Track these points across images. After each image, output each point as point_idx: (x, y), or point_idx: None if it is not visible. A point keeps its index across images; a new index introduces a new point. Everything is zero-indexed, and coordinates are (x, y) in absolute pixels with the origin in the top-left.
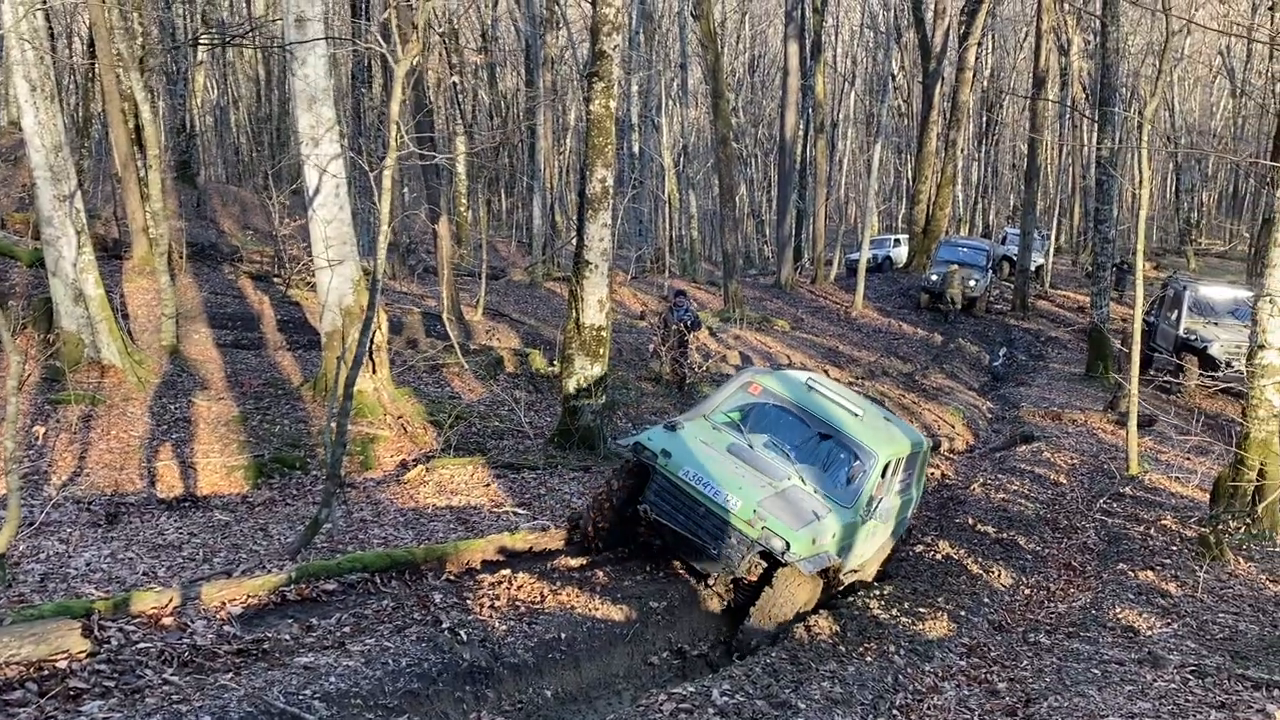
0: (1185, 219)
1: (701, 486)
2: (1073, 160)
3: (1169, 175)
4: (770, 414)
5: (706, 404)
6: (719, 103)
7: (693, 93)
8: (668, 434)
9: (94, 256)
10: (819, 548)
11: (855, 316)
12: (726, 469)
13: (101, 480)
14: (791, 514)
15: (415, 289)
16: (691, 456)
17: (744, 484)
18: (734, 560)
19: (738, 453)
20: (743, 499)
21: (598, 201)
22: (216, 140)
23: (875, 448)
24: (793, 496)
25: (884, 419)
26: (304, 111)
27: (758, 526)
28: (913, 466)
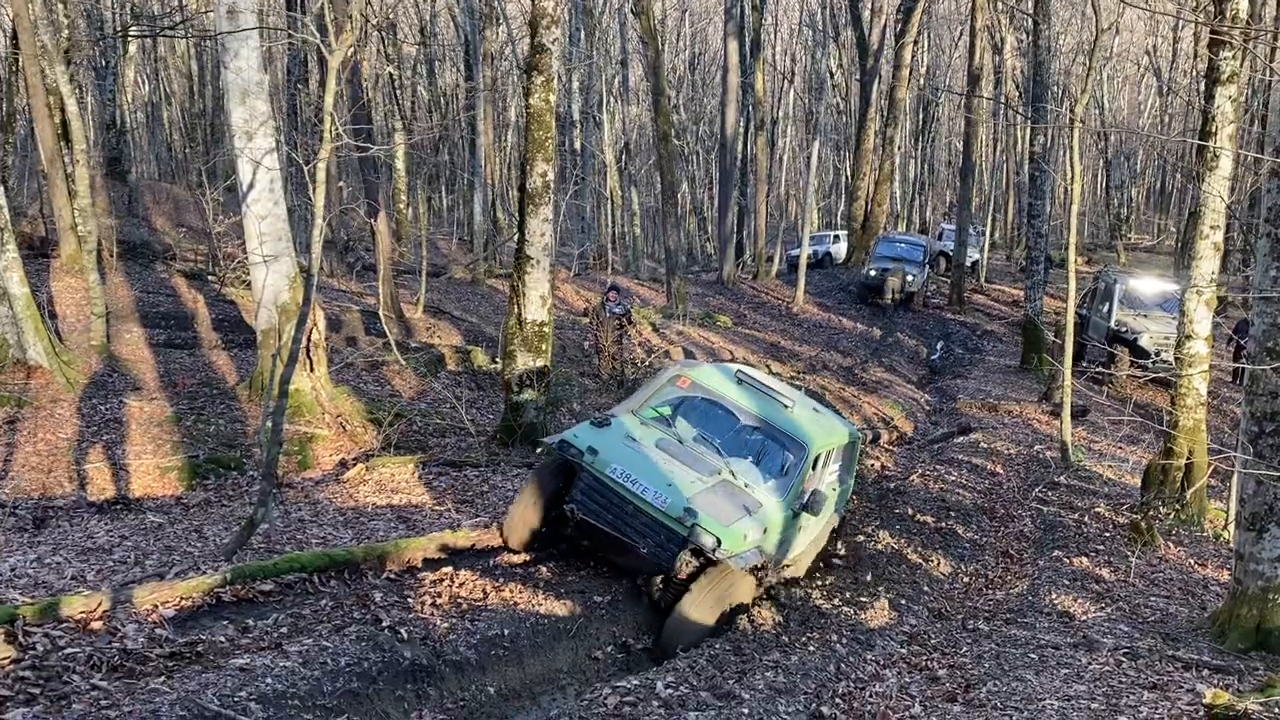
0: (1115, 214)
1: (630, 484)
2: (1007, 157)
3: (1099, 172)
4: (700, 407)
5: (635, 399)
6: (660, 100)
7: (634, 89)
8: (595, 430)
9: (18, 254)
10: (751, 543)
11: (796, 312)
12: (655, 465)
13: (28, 484)
14: (722, 509)
15: (354, 287)
16: (619, 453)
17: (673, 480)
18: (664, 558)
19: (667, 448)
20: (672, 495)
21: (538, 196)
22: (148, 136)
23: (806, 438)
24: (723, 491)
25: (814, 409)
26: (237, 105)
27: (688, 523)
28: (845, 457)
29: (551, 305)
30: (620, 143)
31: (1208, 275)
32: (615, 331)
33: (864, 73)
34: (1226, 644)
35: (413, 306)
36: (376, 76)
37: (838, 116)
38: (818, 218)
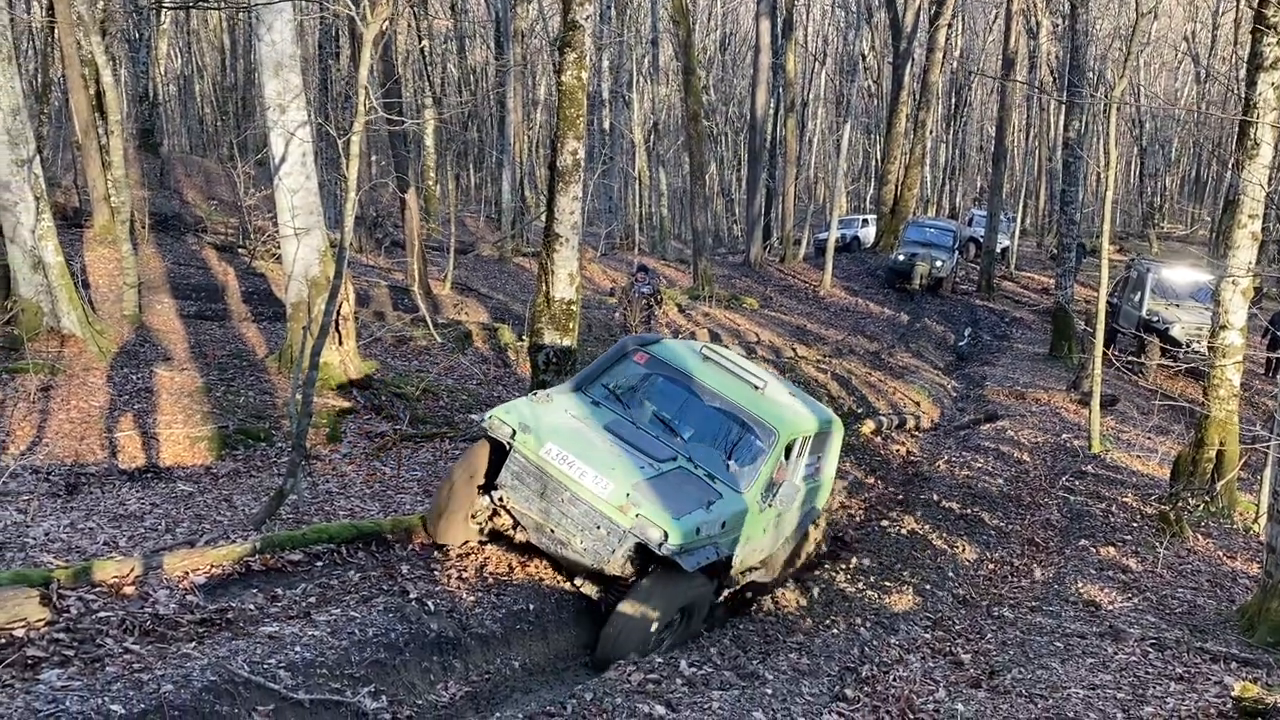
0: (1149, 203)
1: (565, 467)
2: (1039, 143)
3: (1133, 159)
4: (658, 386)
5: (586, 374)
6: (690, 79)
7: (664, 69)
8: (531, 406)
9: (53, 223)
10: (705, 539)
11: (823, 295)
12: (598, 448)
13: (61, 450)
14: (672, 499)
15: (383, 262)
16: (556, 432)
17: (617, 465)
18: (603, 554)
19: (616, 430)
20: (614, 482)
21: (569, 174)
22: (180, 110)
23: (776, 424)
24: (676, 480)
25: (789, 393)
26: (270, 78)
27: (631, 514)
28: (822, 448)
29: (580, 284)
30: (649, 123)
31: (1244, 265)
32: (643, 311)
33: (897, 55)
34: (1255, 637)
35: (440, 283)
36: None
37: (869, 99)
38: (846, 201)
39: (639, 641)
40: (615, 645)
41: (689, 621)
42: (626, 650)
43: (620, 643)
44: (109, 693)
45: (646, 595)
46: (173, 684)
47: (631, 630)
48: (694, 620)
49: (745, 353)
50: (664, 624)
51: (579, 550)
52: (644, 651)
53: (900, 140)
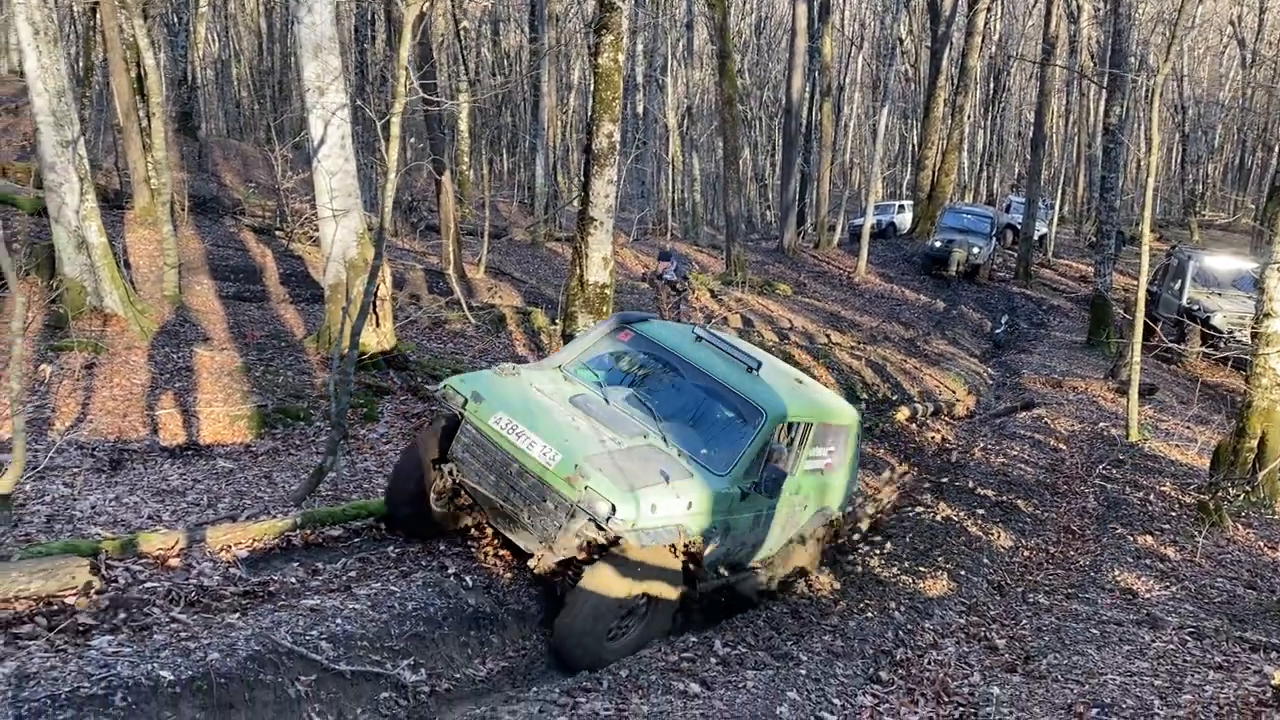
0: (1190, 190)
1: (514, 436)
2: (1079, 129)
3: (1175, 145)
4: (640, 365)
5: (566, 351)
6: (725, 63)
7: (698, 53)
8: (491, 378)
9: (96, 204)
10: (664, 518)
11: (858, 282)
12: (554, 419)
13: (105, 427)
14: (628, 472)
15: (417, 246)
16: (509, 402)
17: (572, 437)
18: (552, 531)
19: (583, 405)
20: (564, 452)
21: (604, 157)
22: (218, 94)
23: (765, 405)
24: (639, 454)
25: (794, 380)
26: (310, 60)
27: (579, 486)
28: (834, 441)
29: (613, 268)
30: (683, 107)
31: None
32: (672, 298)
33: (935, 39)
34: None
35: (474, 267)
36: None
37: (906, 84)
38: (882, 187)
39: (597, 631)
40: (571, 634)
41: (656, 612)
42: (584, 639)
43: (576, 631)
44: (158, 659)
45: (602, 578)
46: (219, 652)
47: (587, 617)
48: (662, 611)
49: (779, 339)
50: (624, 611)
51: (528, 527)
52: (604, 644)
53: (938, 125)
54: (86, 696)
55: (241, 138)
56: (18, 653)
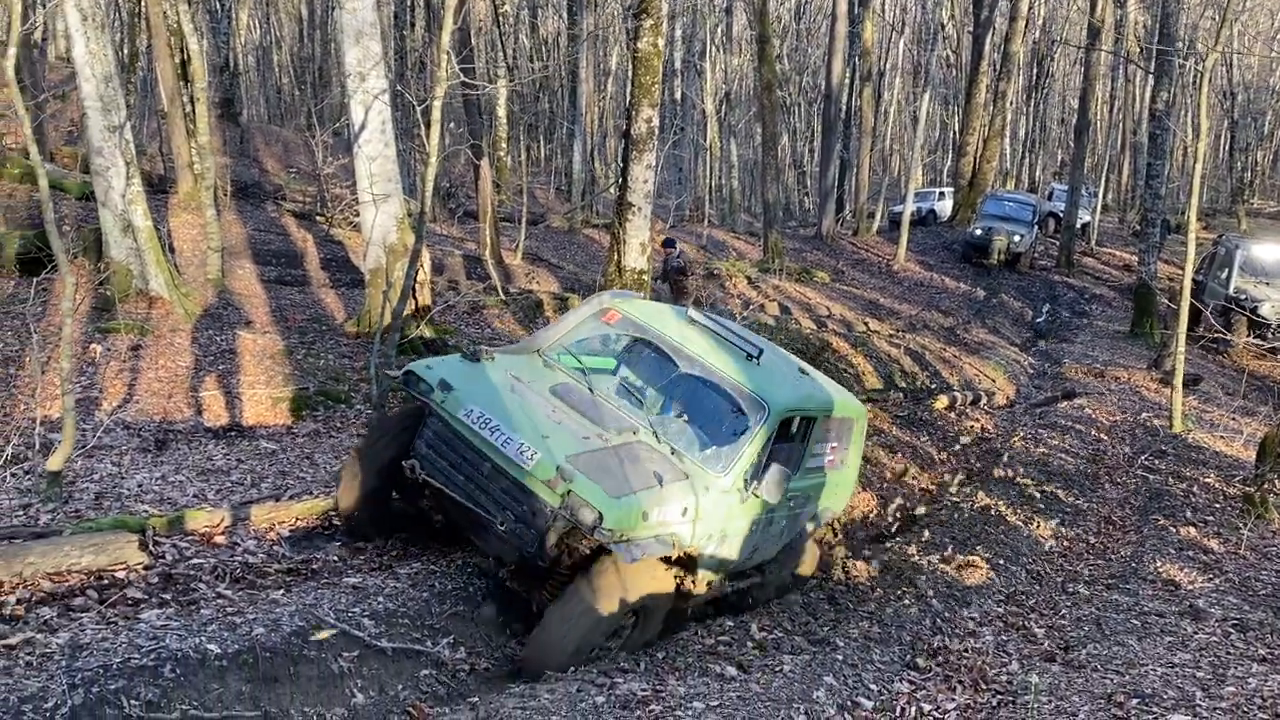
0: (1239, 178)
1: (487, 432)
2: (1124, 115)
3: (1224, 132)
4: (628, 349)
5: (545, 334)
6: (764, 48)
7: (737, 39)
8: (462, 364)
9: (142, 188)
10: (657, 526)
11: (897, 270)
12: (533, 413)
13: (150, 407)
14: (616, 476)
15: (455, 232)
16: (483, 393)
17: (554, 433)
18: (529, 540)
19: (564, 395)
20: (544, 451)
21: (643, 142)
22: (259, 80)
23: (768, 397)
24: (629, 454)
25: (797, 369)
26: (351, 46)
27: (560, 490)
28: (838, 438)
29: (651, 254)
30: (721, 93)
31: None
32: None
33: (977, 24)
34: None
35: (512, 253)
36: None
37: (947, 70)
38: (922, 174)
39: (577, 652)
40: (547, 654)
41: (643, 628)
42: (561, 661)
43: (553, 651)
44: (205, 633)
45: (586, 595)
46: (264, 627)
47: (567, 638)
48: (649, 626)
49: (816, 326)
50: (609, 631)
51: (501, 536)
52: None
53: (979, 112)
54: (137, 667)
55: (282, 123)
56: (71, 624)
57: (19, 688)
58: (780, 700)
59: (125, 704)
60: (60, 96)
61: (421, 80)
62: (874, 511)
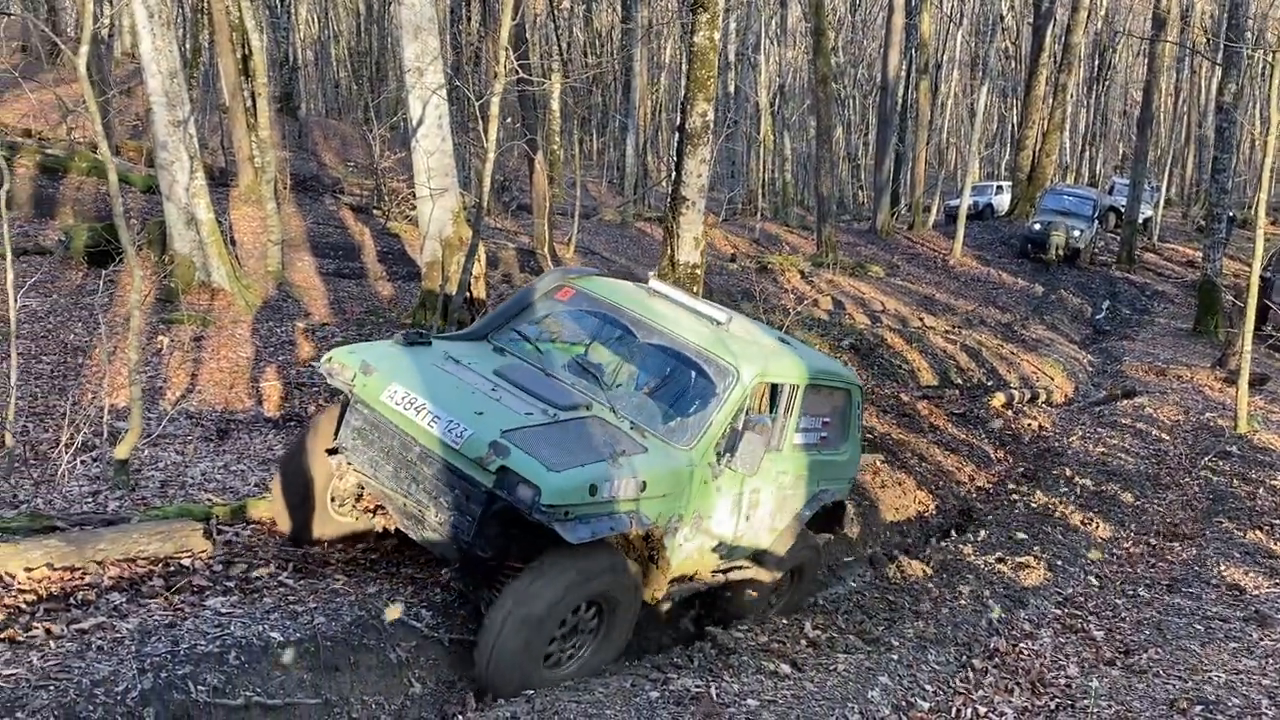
0: None
1: (413, 413)
2: (1189, 108)
3: None
4: (584, 325)
5: (493, 316)
6: (820, 40)
7: (791, 31)
8: (391, 347)
9: (205, 182)
10: (605, 502)
11: (953, 265)
12: (466, 392)
13: (212, 397)
14: (558, 449)
15: (509, 225)
16: (408, 373)
17: (488, 409)
18: (464, 529)
19: (509, 374)
20: (474, 427)
21: (697, 136)
22: (317, 74)
23: (737, 363)
24: (575, 428)
25: (774, 338)
26: (410, 41)
27: (493, 466)
28: (829, 411)
29: (704, 248)
30: (775, 85)
31: None
32: None
33: (1038, 15)
34: None
35: (565, 246)
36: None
37: (1006, 61)
38: (979, 167)
39: (530, 654)
40: (496, 659)
41: (609, 624)
42: (512, 667)
43: (502, 656)
44: (267, 621)
45: (531, 586)
46: (324, 616)
47: (514, 638)
48: (616, 623)
49: (870, 321)
50: (565, 627)
51: (435, 527)
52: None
53: (1039, 104)
54: (203, 654)
55: (340, 117)
56: (139, 610)
57: (91, 671)
58: (835, 699)
59: (192, 689)
60: (126, 92)
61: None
62: (929, 509)
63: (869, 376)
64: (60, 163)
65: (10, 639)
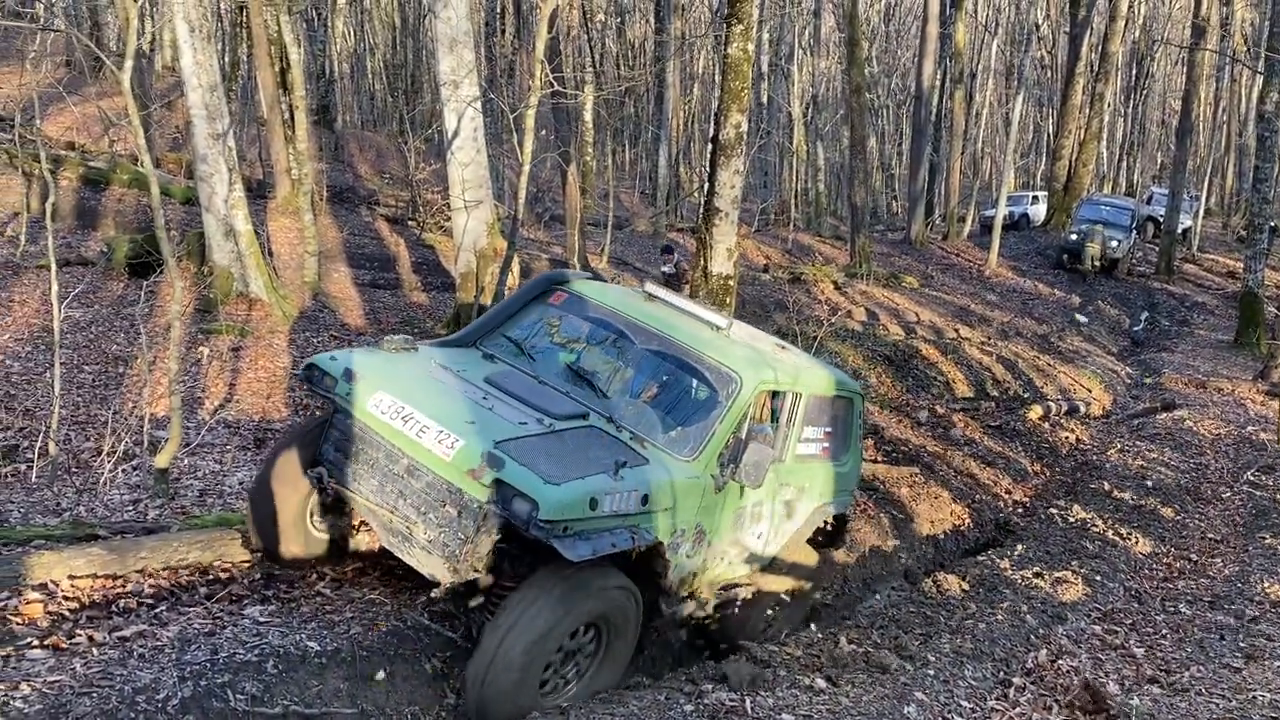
0: None
1: (400, 423)
2: (1229, 116)
3: None
4: (578, 331)
5: (482, 321)
6: (854, 50)
7: (824, 41)
8: (375, 353)
9: (243, 194)
10: (607, 517)
11: (989, 275)
12: (457, 400)
13: (250, 407)
14: (555, 461)
15: (542, 236)
16: (395, 380)
17: (480, 419)
18: (455, 547)
19: (500, 382)
20: (466, 437)
21: (730, 147)
22: (353, 86)
23: (739, 370)
24: (574, 440)
25: (773, 343)
26: (445, 54)
27: (486, 479)
28: (831, 420)
29: (738, 259)
30: (808, 95)
31: None
32: None
33: (1074, 24)
34: None
35: (598, 257)
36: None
37: (1042, 71)
38: (1015, 177)
39: (525, 680)
40: (488, 686)
41: (608, 647)
42: (505, 693)
43: (495, 681)
44: (305, 630)
45: (524, 604)
46: (360, 626)
47: (509, 661)
48: (617, 647)
49: (905, 333)
50: (562, 651)
51: (424, 544)
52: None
53: (1075, 114)
54: (242, 662)
55: (375, 129)
56: (179, 618)
57: (133, 678)
58: (870, 715)
59: (231, 698)
60: (167, 105)
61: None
62: (965, 523)
63: (903, 388)
64: (102, 175)
65: (55, 646)
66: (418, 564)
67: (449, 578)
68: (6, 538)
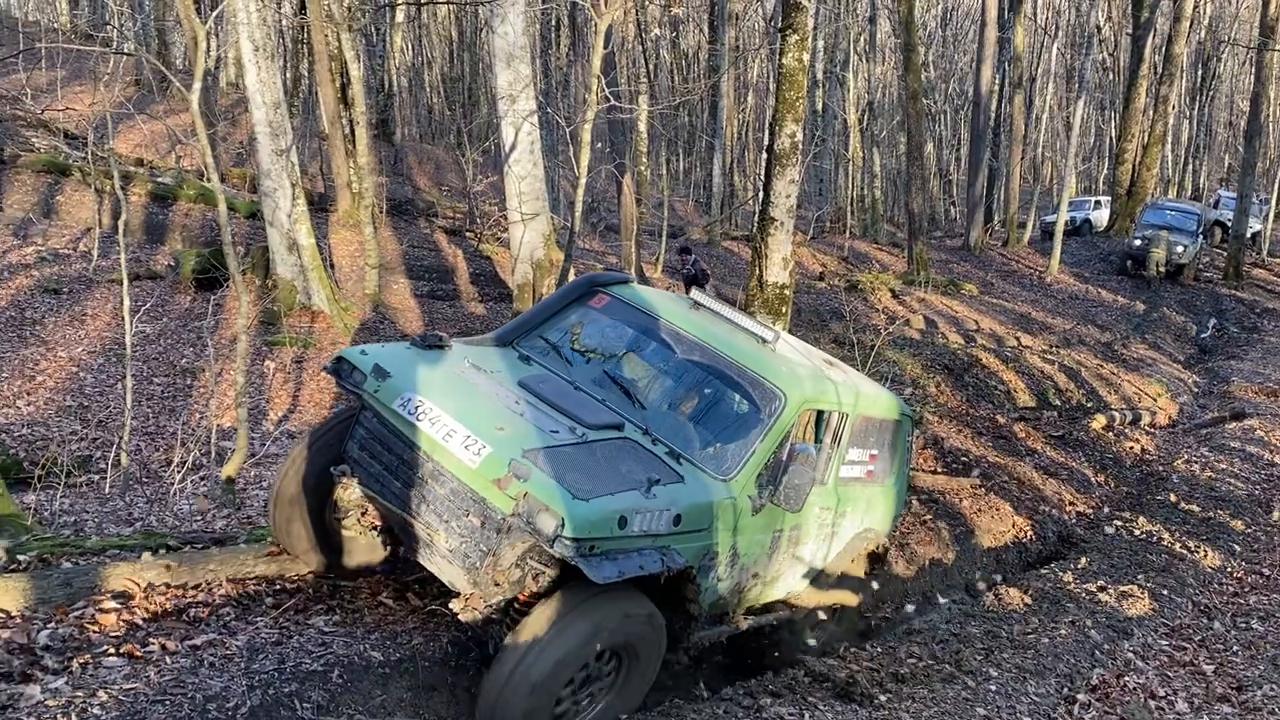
0: None
1: (427, 424)
2: None
3: None
4: (618, 336)
5: (520, 321)
6: (910, 56)
7: (880, 47)
8: (408, 350)
9: (306, 208)
10: (638, 536)
11: (1050, 282)
12: (488, 403)
13: (312, 417)
14: (586, 475)
15: (597, 246)
16: (423, 380)
17: (510, 425)
18: (476, 558)
19: (534, 387)
20: (494, 444)
21: (786, 157)
22: (411, 100)
23: (784, 387)
24: (607, 452)
25: (823, 359)
26: (503, 69)
27: (512, 491)
28: (877, 442)
29: (793, 268)
30: (863, 102)
31: None
32: None
33: (1137, 25)
34: None
35: (652, 266)
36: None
37: (1103, 74)
38: (1076, 182)
39: (537, 708)
40: (500, 708)
41: (628, 675)
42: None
43: (507, 705)
44: (368, 641)
45: (543, 626)
46: (422, 638)
47: (525, 682)
48: (638, 675)
49: (964, 341)
50: (581, 675)
51: (446, 553)
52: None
53: (1139, 117)
54: (308, 672)
55: (433, 142)
56: (247, 627)
57: (204, 686)
58: None
59: (298, 706)
60: (231, 121)
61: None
62: (1027, 535)
63: (963, 398)
64: (169, 190)
65: (129, 654)
66: (439, 571)
67: (472, 591)
68: (82, 547)
